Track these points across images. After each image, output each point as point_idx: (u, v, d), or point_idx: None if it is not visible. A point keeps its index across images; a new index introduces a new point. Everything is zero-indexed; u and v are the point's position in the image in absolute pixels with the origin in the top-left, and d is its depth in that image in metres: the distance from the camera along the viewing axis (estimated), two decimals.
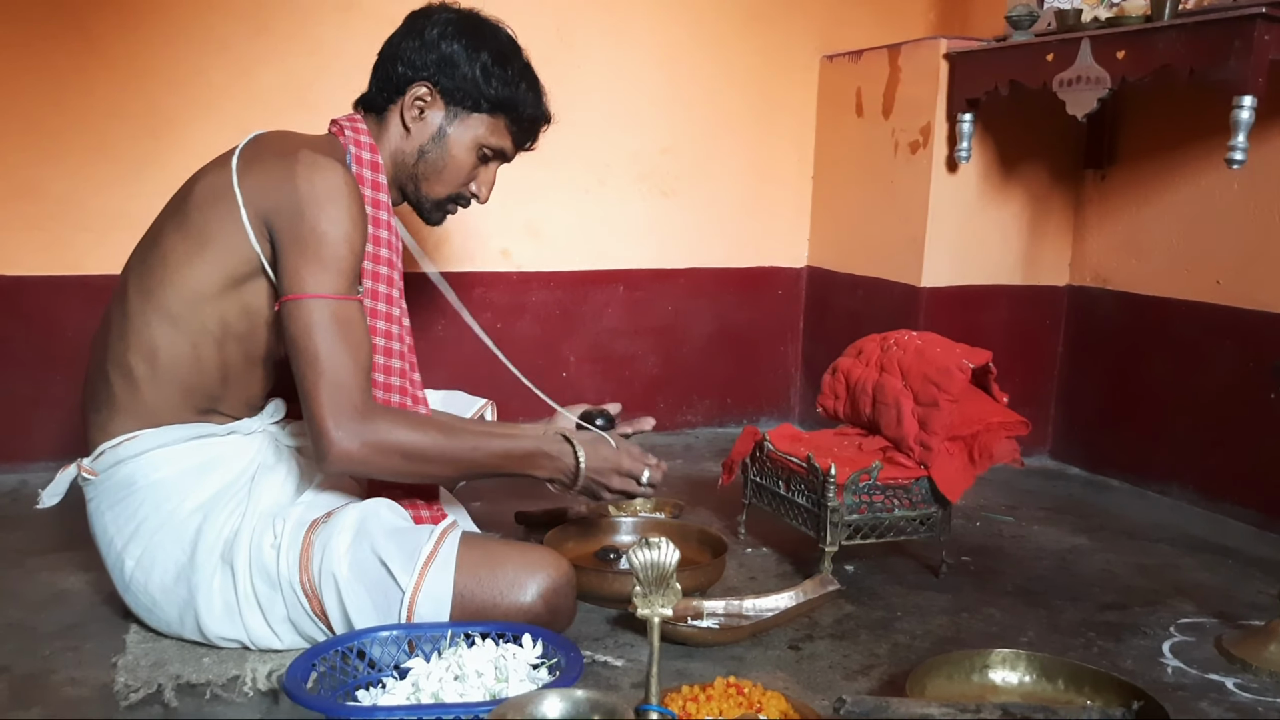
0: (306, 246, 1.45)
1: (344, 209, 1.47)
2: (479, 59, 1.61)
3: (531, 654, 1.35)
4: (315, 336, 1.43)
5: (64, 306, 2.45)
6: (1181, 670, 1.61)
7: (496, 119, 1.66)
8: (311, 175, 1.47)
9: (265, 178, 1.49)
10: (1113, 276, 2.69)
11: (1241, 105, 1.90)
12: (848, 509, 1.84)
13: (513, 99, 1.65)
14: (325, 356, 1.43)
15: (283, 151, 1.52)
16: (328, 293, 1.45)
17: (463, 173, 1.68)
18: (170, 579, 1.50)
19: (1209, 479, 2.43)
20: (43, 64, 2.36)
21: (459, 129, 1.65)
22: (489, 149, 1.68)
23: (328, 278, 1.45)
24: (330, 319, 1.44)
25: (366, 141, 1.62)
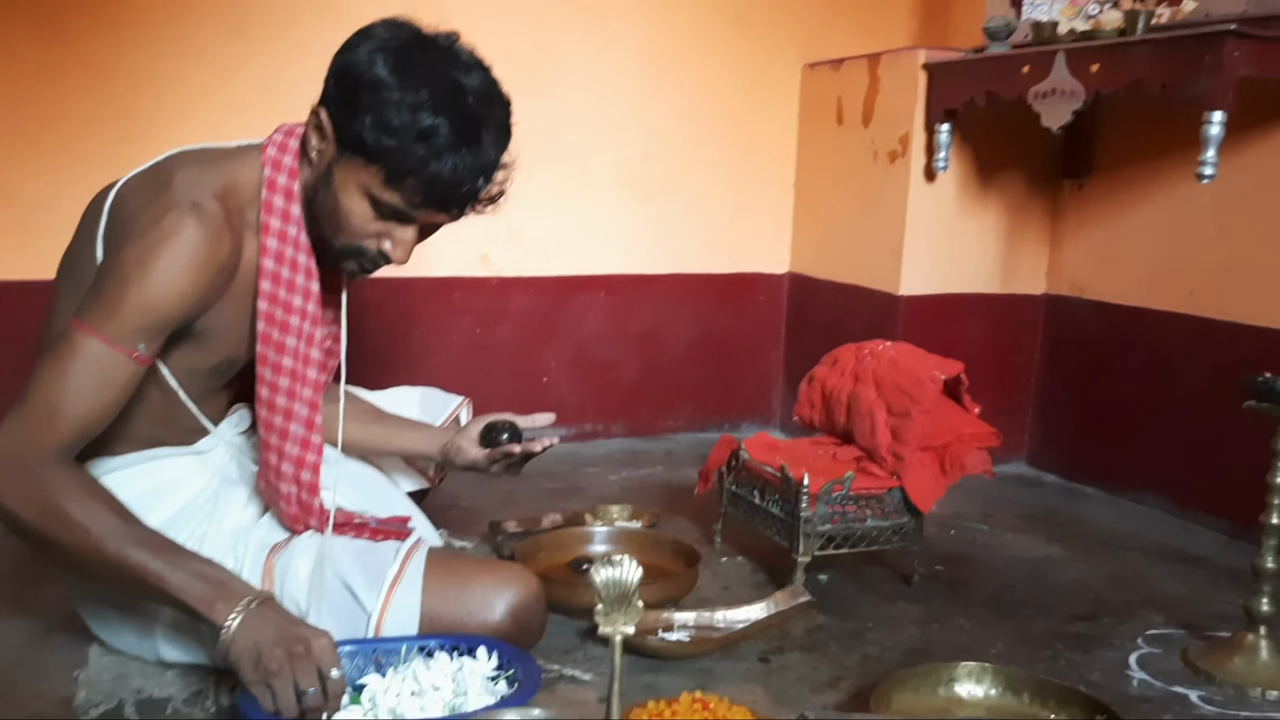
0: (107, 281, 1.30)
1: (169, 265, 1.29)
2: (372, 88, 1.30)
3: (487, 666, 1.35)
4: (55, 366, 1.27)
5: (35, 311, 2.40)
6: (1147, 683, 1.62)
7: (372, 169, 1.33)
8: (157, 219, 1.31)
9: (130, 202, 1.38)
10: (1089, 286, 2.71)
11: (1211, 120, 1.91)
12: (821, 519, 1.85)
13: (393, 148, 1.29)
14: (48, 387, 1.27)
15: (161, 181, 1.37)
16: (98, 332, 1.28)
17: (353, 224, 1.38)
18: (128, 601, 1.47)
19: (1181, 488, 2.44)
20: (15, 65, 2.35)
21: (344, 172, 1.35)
22: (389, 206, 1.36)
23: (107, 319, 1.28)
24: (77, 355, 1.27)
25: (288, 164, 1.42)
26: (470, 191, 1.37)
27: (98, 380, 1.29)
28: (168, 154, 1.46)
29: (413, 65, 1.32)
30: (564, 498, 2.44)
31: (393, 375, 2.58)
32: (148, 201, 1.35)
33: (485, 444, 1.71)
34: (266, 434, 1.48)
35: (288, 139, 1.43)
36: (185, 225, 1.31)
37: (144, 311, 1.29)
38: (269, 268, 1.42)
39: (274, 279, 1.43)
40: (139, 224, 1.32)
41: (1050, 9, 2.43)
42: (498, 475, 1.74)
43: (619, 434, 3.05)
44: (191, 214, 1.32)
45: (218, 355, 1.47)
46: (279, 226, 1.42)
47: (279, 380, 1.46)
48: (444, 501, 2.22)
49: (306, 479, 1.49)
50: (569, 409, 2.94)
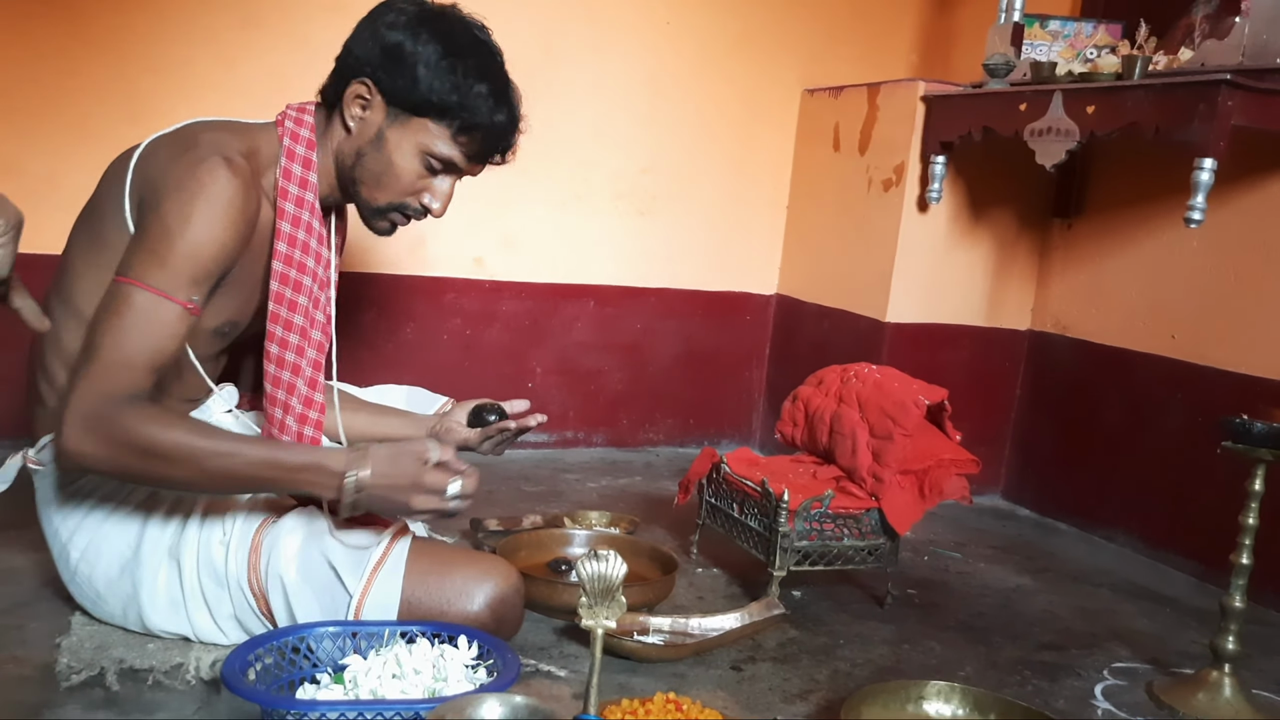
0: (152, 235, 1.36)
1: (208, 216, 1.36)
2: (424, 54, 1.44)
3: (467, 655, 1.36)
4: (114, 321, 1.33)
5: (35, 284, 2.36)
6: (1111, 713, 1.65)
7: (441, 126, 1.48)
8: (193, 169, 1.37)
9: (155, 161, 1.42)
10: (1073, 324, 2.75)
11: (1202, 167, 1.96)
12: (798, 535, 1.87)
13: (459, 104, 1.46)
14: (109, 343, 1.33)
15: (183, 140, 1.43)
16: (152, 285, 1.34)
17: (404, 181, 1.51)
18: (115, 572, 1.49)
19: (1154, 528, 2.48)
20: (26, 41, 2.36)
21: (399, 133, 1.48)
22: (435, 158, 1.51)
23: (160, 272, 1.34)
24: (134, 309, 1.34)
25: (305, 136, 1.51)
26: (510, 143, 1.56)
27: (155, 331, 1.35)
28: (186, 122, 1.51)
29: (455, 34, 1.48)
30: (543, 501, 2.46)
31: (381, 371, 2.60)
32: (176, 156, 1.41)
33: (473, 424, 1.78)
34: (274, 389, 1.52)
35: (302, 114, 1.53)
36: (220, 175, 1.38)
37: (192, 260, 1.36)
38: (285, 230, 1.50)
39: (290, 241, 1.50)
40: (172, 176, 1.38)
41: (1049, 50, 2.49)
42: (487, 454, 1.81)
43: (600, 443, 3.07)
44: (224, 165, 1.39)
45: (223, 315, 1.52)
46: (296, 192, 1.50)
47: (289, 337, 1.52)
48: None
49: (309, 435, 1.54)
50: (552, 415, 2.94)
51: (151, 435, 1.31)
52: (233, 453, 1.35)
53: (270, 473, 1.37)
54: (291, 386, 1.53)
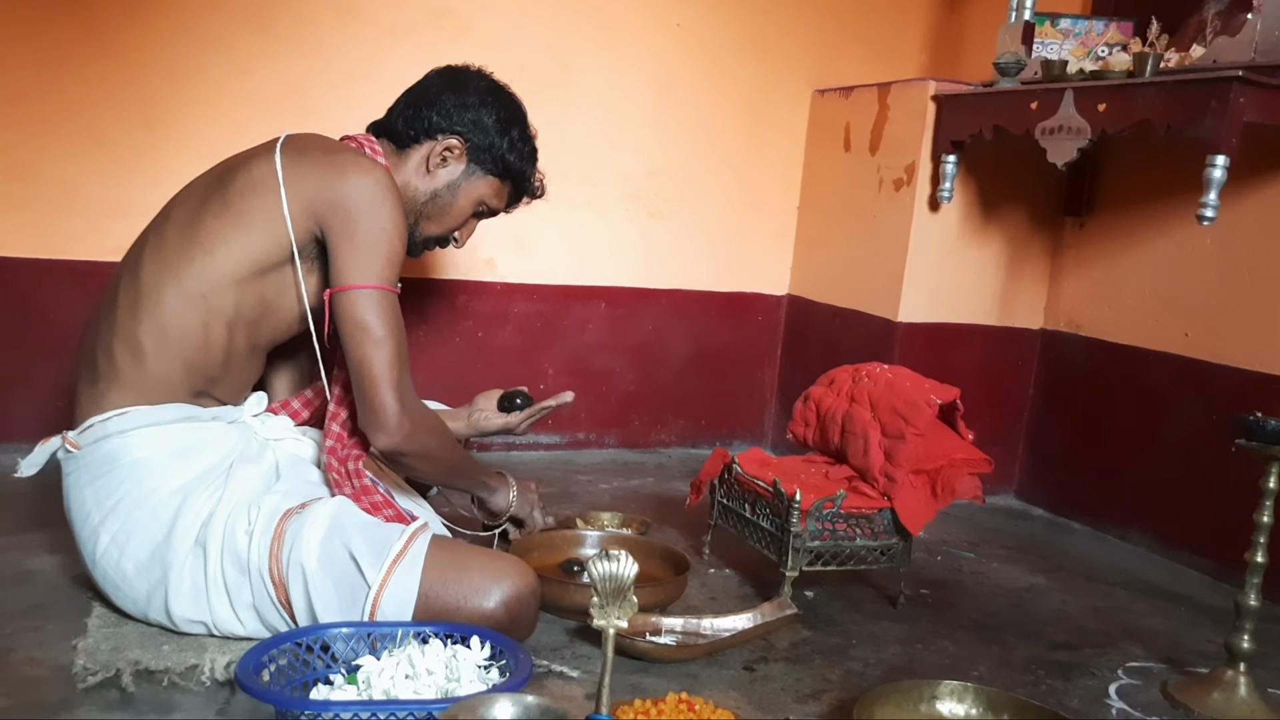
0: (363, 240, 1.55)
1: (394, 208, 1.59)
2: (509, 132, 1.78)
3: (479, 655, 1.37)
4: (386, 323, 1.56)
5: (49, 289, 2.46)
6: (1125, 712, 1.65)
7: (505, 184, 1.83)
8: (364, 174, 1.58)
9: (314, 171, 1.58)
10: (1085, 323, 2.74)
11: (1215, 164, 1.95)
12: (810, 535, 1.87)
13: (524, 172, 1.83)
14: (396, 341, 1.56)
15: (329, 149, 1.64)
16: (386, 284, 1.57)
17: (458, 220, 1.83)
18: (145, 556, 1.52)
19: (1168, 527, 2.47)
20: (42, 49, 2.38)
21: (471, 184, 1.80)
22: (486, 206, 1.84)
23: (384, 270, 1.57)
24: (393, 309, 1.58)
25: (383, 164, 1.71)
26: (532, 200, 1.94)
27: (401, 323, 1.60)
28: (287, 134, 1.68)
29: (520, 113, 1.83)
30: (555, 502, 2.46)
31: None
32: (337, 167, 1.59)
33: (504, 410, 1.99)
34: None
35: (371, 145, 1.76)
36: (386, 176, 1.62)
37: (402, 252, 1.62)
38: None
39: None
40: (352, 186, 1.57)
41: (1060, 48, 2.48)
42: (524, 435, 2.08)
43: (612, 444, 3.07)
44: (378, 164, 1.65)
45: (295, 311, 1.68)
46: None
47: None
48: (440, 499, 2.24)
49: None
50: (563, 416, 2.96)
51: (443, 429, 1.70)
52: (462, 454, 1.79)
53: (474, 473, 1.83)
54: None
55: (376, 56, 2.59)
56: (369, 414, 1.56)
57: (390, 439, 1.56)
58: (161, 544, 1.51)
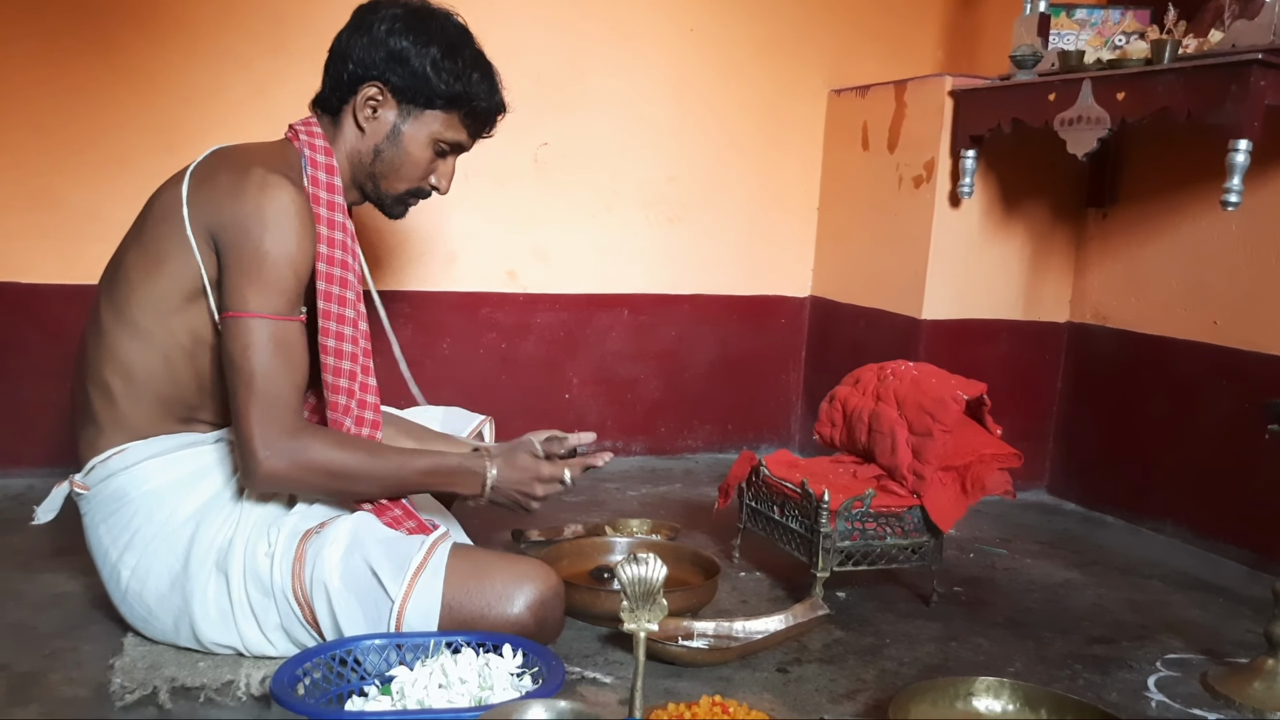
0: (249, 265, 1.46)
1: (290, 230, 1.47)
2: (428, 54, 1.58)
3: (512, 663, 1.37)
4: (251, 356, 1.45)
5: (77, 315, 2.45)
6: (1165, 705, 1.63)
7: (450, 114, 1.64)
8: (260, 194, 1.47)
9: (213, 195, 1.50)
10: (1112, 314, 2.72)
11: (1237, 149, 1.93)
12: (840, 535, 1.86)
13: (465, 93, 1.62)
14: (259, 376, 1.45)
15: (235, 167, 1.52)
16: (267, 312, 1.46)
17: (420, 168, 1.67)
18: (165, 587, 1.52)
19: (1203, 518, 2.44)
20: (64, 76, 2.42)
21: (413, 126, 1.63)
22: (445, 143, 1.67)
23: (268, 297, 1.46)
24: (268, 339, 1.46)
25: (321, 145, 1.62)
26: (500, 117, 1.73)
27: (292, 353, 1.49)
28: (211, 150, 1.60)
29: (445, 30, 1.62)
30: (584, 511, 2.47)
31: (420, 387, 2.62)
32: (235, 184, 1.49)
33: None
34: (336, 379, 1.58)
35: (309, 125, 1.64)
36: (286, 189, 1.49)
37: (293, 276, 1.49)
38: (324, 233, 1.57)
39: (329, 243, 1.57)
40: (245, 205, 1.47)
41: (1077, 39, 2.47)
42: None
43: (639, 451, 3.07)
44: (286, 181, 1.50)
45: None
46: (326, 196, 1.59)
47: (344, 330, 1.58)
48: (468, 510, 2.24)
49: (370, 419, 1.62)
50: (589, 425, 2.96)
51: (335, 460, 1.50)
52: (402, 466, 1.57)
53: (431, 479, 1.60)
54: (352, 375, 1.60)
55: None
56: (240, 456, 1.48)
57: (251, 482, 1.49)
58: (180, 573, 1.51)
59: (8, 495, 2.37)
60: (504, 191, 2.79)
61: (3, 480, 2.45)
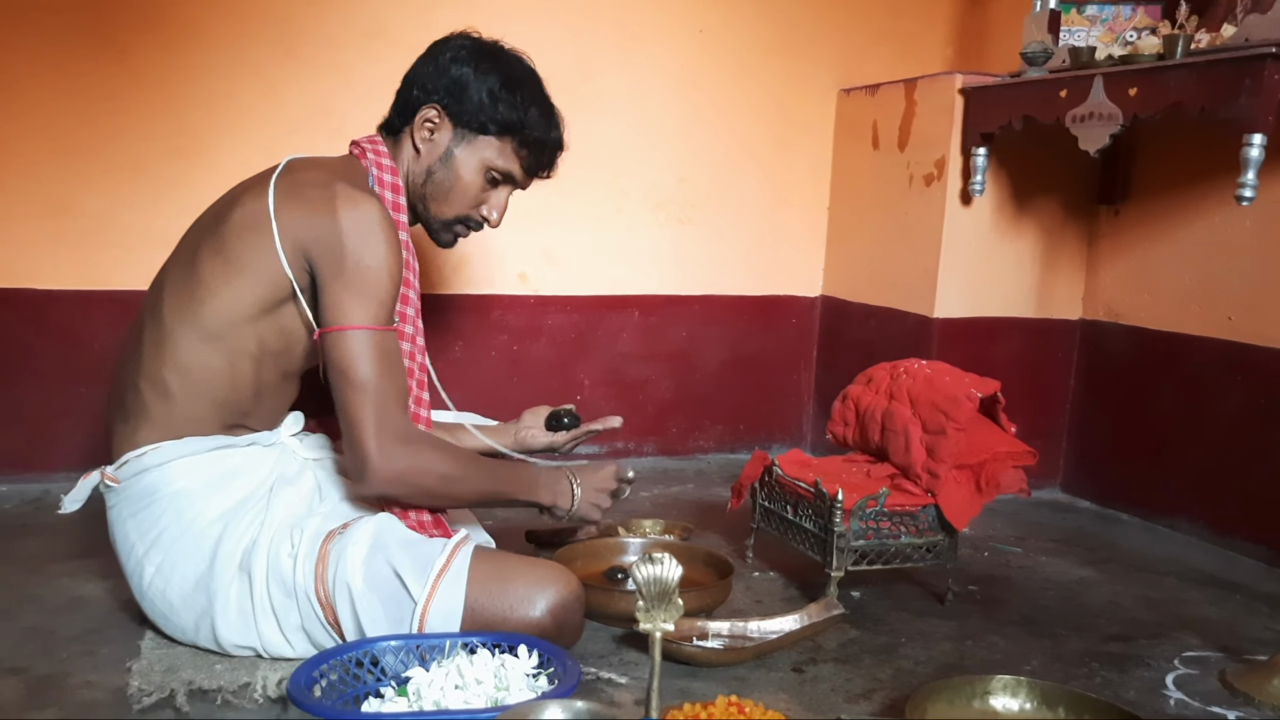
0: (350, 279, 1.51)
1: (383, 242, 1.53)
2: (487, 82, 1.65)
3: (528, 664, 1.37)
4: (361, 366, 1.49)
5: (92, 320, 2.50)
6: (1184, 702, 1.62)
7: (504, 142, 1.69)
8: (352, 210, 1.52)
9: (303, 209, 1.53)
10: (1125, 311, 2.71)
11: (1251, 143, 1.92)
12: (854, 534, 1.86)
13: (519, 122, 1.67)
14: (372, 384, 1.49)
15: (320, 183, 1.56)
16: (371, 324, 1.51)
17: (470, 194, 1.71)
18: (189, 586, 1.53)
19: (1219, 514, 2.43)
20: (76, 84, 2.43)
21: (465, 151, 1.68)
22: (497, 172, 1.71)
23: (370, 309, 1.51)
24: (374, 349, 1.51)
25: (387, 164, 1.68)
26: (558, 155, 1.77)
27: (396, 362, 1.55)
28: (286, 160, 1.64)
29: (509, 64, 1.70)
30: None
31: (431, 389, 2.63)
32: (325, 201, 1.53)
33: (551, 429, 2.00)
34: None
35: (375, 145, 1.69)
36: (374, 206, 1.55)
37: (391, 289, 1.55)
38: None
39: None
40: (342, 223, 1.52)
41: (1088, 35, 2.46)
42: (568, 453, 2.06)
43: (650, 452, 3.07)
44: (371, 197, 1.56)
45: None
46: (393, 216, 1.62)
47: (403, 343, 1.62)
48: (481, 511, 2.25)
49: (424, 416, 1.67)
50: None
51: (444, 465, 1.56)
52: (494, 476, 1.68)
53: (516, 489, 1.69)
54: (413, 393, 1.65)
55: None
56: (350, 458, 1.53)
57: (368, 487, 1.53)
58: (205, 573, 1.52)
59: (24, 500, 2.38)
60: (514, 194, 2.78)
61: (19, 485, 2.47)
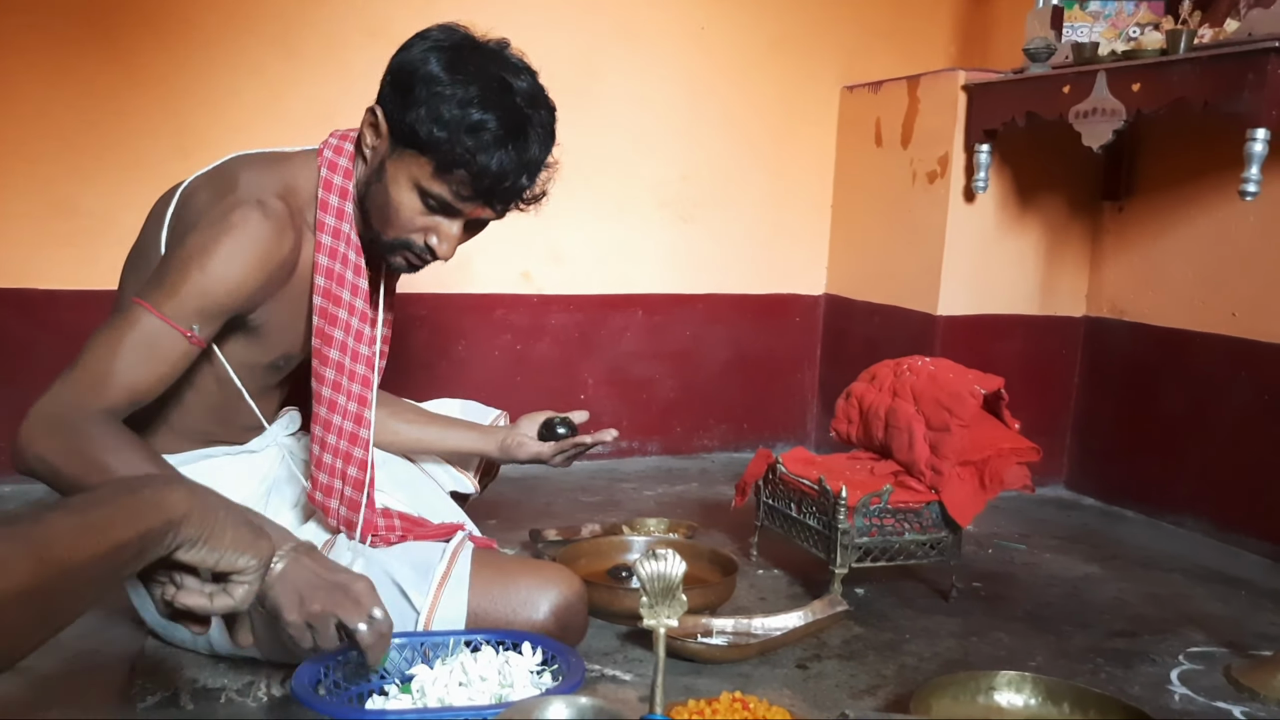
0: (168, 264, 1.35)
1: (229, 254, 1.34)
2: (434, 87, 1.34)
3: (531, 661, 1.37)
4: (107, 335, 1.33)
5: (93, 320, 2.42)
6: (1189, 698, 1.61)
7: (424, 160, 1.37)
8: (226, 212, 1.36)
9: (195, 202, 1.42)
10: (1129, 308, 2.70)
11: (1255, 138, 1.92)
12: (858, 531, 1.86)
13: (444, 139, 1.33)
14: (95, 357, 1.31)
15: (218, 188, 1.42)
16: (156, 309, 1.32)
17: (402, 215, 1.41)
18: None
19: (1223, 511, 2.42)
20: (77, 83, 2.43)
21: (395, 166, 1.40)
22: (430, 196, 1.40)
23: (167, 298, 1.33)
24: (135, 328, 1.32)
25: (343, 165, 1.47)
26: (514, 187, 1.41)
27: (150, 353, 1.33)
28: (228, 157, 1.51)
29: (465, 63, 1.37)
30: (601, 511, 2.47)
31: (435, 388, 2.62)
32: (215, 198, 1.41)
33: (543, 438, 1.80)
34: (314, 426, 1.51)
35: (342, 142, 1.49)
36: (251, 219, 1.36)
37: (202, 294, 1.34)
38: (323, 263, 1.46)
39: (327, 274, 1.46)
40: (206, 217, 1.38)
41: (1091, 31, 2.45)
42: (557, 467, 1.84)
43: (654, 451, 3.07)
44: (257, 209, 1.37)
45: (275, 351, 1.52)
46: (334, 224, 1.46)
47: (325, 372, 1.49)
48: (485, 510, 2.25)
49: (353, 475, 1.52)
50: (605, 425, 2.94)
51: (107, 459, 1.25)
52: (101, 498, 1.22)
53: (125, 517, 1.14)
54: (328, 424, 1.51)
55: None
56: None
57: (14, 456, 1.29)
58: None
59: (26, 500, 2.38)
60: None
61: (20, 485, 2.46)
